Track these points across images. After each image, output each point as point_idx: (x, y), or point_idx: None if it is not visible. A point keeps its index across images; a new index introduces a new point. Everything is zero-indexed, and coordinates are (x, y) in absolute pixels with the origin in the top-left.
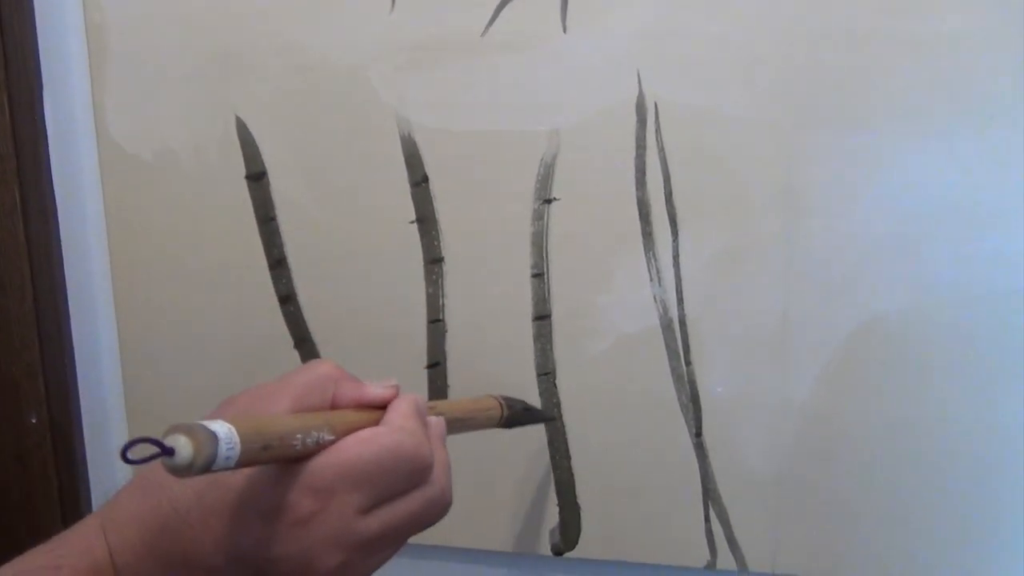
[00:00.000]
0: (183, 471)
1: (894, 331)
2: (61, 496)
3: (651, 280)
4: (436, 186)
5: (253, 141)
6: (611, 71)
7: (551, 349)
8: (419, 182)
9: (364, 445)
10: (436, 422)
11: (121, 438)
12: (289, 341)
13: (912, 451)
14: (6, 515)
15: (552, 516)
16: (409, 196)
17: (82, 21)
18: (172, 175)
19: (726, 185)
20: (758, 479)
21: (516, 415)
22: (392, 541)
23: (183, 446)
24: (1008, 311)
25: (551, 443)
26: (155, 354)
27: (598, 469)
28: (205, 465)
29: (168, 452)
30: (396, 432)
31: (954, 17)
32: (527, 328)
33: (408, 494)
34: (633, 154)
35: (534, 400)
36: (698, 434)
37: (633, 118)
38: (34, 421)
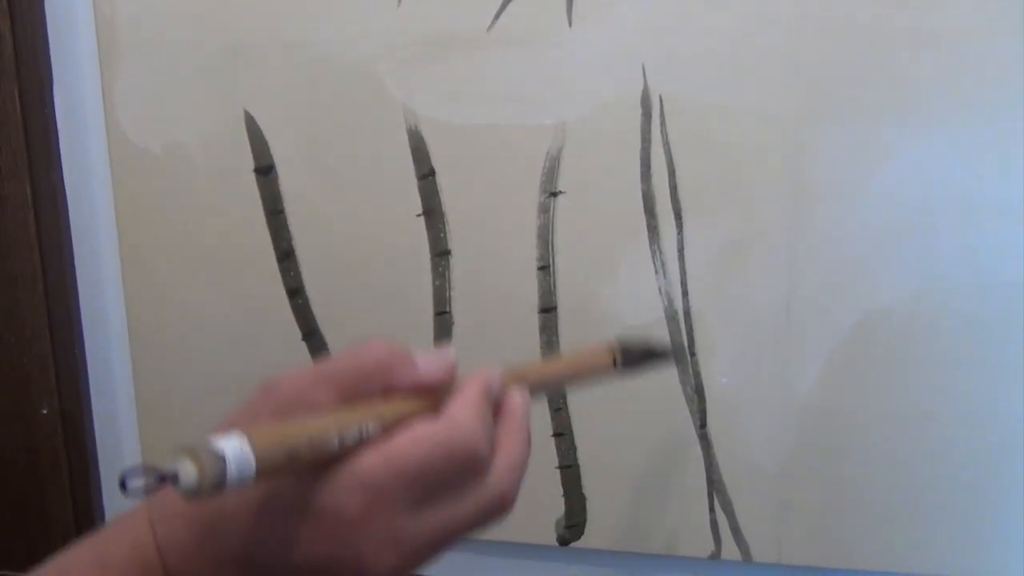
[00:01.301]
0: (192, 496)
1: (898, 322)
2: (72, 486)
3: (656, 272)
4: (443, 179)
5: (262, 135)
6: (616, 65)
7: (557, 341)
8: (426, 175)
9: (414, 444)
10: (513, 409)
11: (131, 429)
12: (297, 333)
13: (917, 441)
14: (17, 506)
15: (558, 506)
16: (416, 189)
17: (92, 15)
18: (181, 168)
19: (730, 178)
20: (763, 470)
21: (634, 361)
22: (444, 542)
23: (187, 472)
24: (1013, 302)
25: (557, 433)
26: (165, 346)
27: (604, 460)
28: (214, 488)
29: (170, 479)
30: (451, 430)
31: (959, 10)
32: (533, 320)
33: (462, 494)
34: (638, 147)
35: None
36: (703, 425)
37: (638, 111)
38: (45, 412)
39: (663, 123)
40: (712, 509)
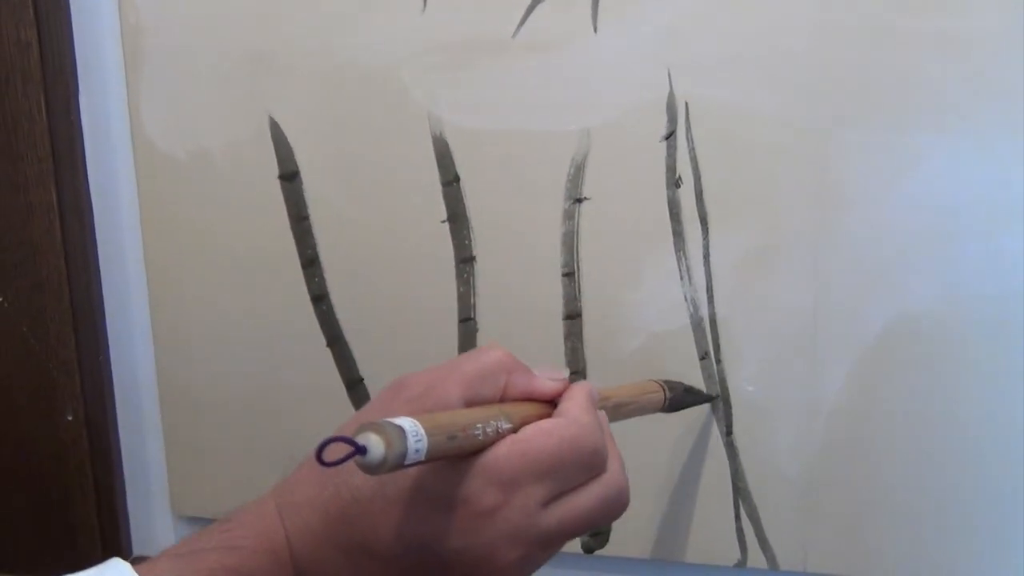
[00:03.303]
0: (376, 469)
1: (925, 329)
2: (97, 493)
3: (681, 279)
4: (467, 185)
5: (286, 141)
6: (641, 70)
7: (582, 348)
8: (450, 181)
9: (546, 437)
10: (601, 415)
11: (156, 434)
12: (322, 339)
13: (945, 448)
14: (43, 511)
15: None
16: (440, 195)
17: (117, 23)
18: (206, 175)
19: (756, 184)
20: (789, 478)
21: (678, 397)
22: (569, 535)
23: (375, 444)
24: None
25: None
26: (189, 352)
27: (629, 467)
28: (397, 461)
29: (361, 451)
30: (574, 425)
31: (985, 15)
32: (558, 327)
33: (586, 488)
34: (663, 153)
35: None
36: (729, 432)
37: (664, 117)
38: (70, 418)
39: (688, 128)
40: (738, 517)
